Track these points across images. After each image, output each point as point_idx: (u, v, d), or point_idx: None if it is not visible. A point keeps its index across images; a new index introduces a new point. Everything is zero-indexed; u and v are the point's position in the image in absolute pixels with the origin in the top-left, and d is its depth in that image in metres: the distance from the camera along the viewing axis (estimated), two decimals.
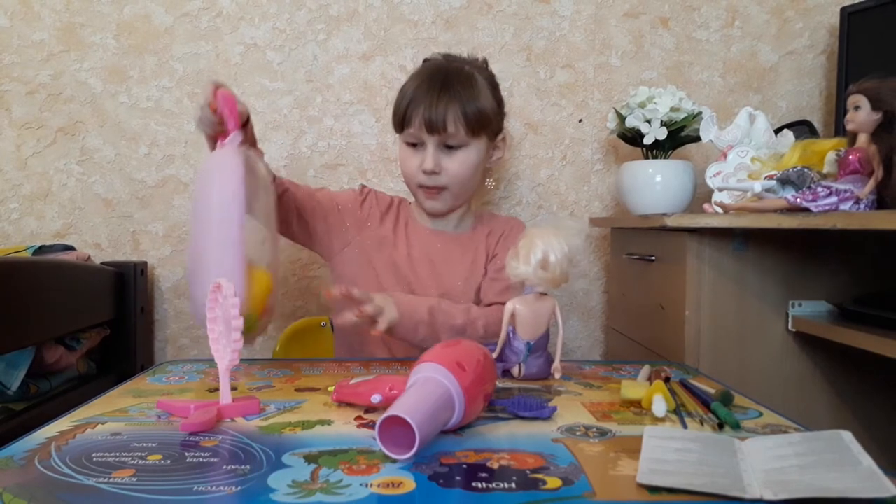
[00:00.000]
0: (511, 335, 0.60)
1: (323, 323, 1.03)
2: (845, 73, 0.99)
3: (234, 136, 0.63)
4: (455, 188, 0.82)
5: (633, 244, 0.96)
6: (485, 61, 0.88)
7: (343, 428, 0.46)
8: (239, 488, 0.35)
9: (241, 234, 0.57)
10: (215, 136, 0.67)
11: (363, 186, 0.91)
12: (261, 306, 0.58)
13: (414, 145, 0.82)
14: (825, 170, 0.72)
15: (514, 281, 0.58)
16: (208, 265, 0.57)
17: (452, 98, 0.79)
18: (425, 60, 0.88)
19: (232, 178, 0.58)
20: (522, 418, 0.48)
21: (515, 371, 0.61)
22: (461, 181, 0.82)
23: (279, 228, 0.73)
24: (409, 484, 0.36)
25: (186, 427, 0.45)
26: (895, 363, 0.61)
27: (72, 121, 1.10)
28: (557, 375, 0.61)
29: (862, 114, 0.68)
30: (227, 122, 0.63)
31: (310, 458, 0.40)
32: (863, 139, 0.68)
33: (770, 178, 0.74)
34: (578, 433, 0.45)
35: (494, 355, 0.62)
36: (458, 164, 0.81)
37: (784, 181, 0.73)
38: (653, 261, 0.88)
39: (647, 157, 0.99)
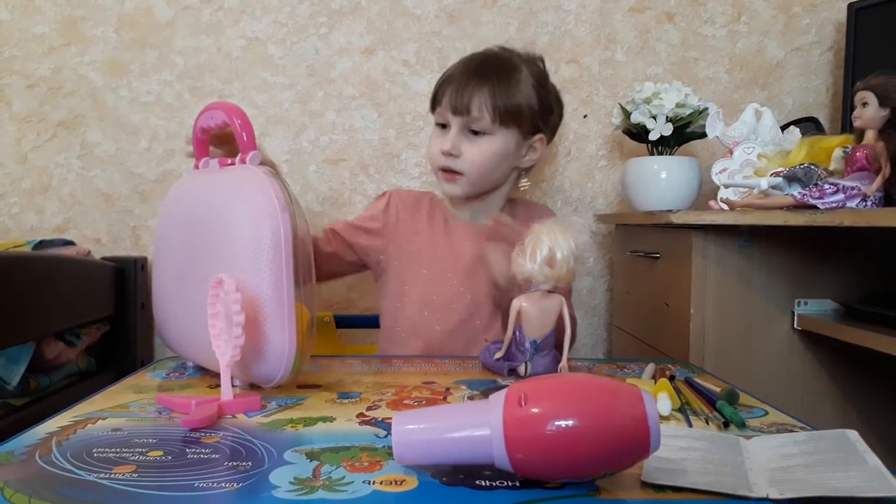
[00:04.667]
0: (518, 333, 0.60)
1: (326, 318, 1.02)
2: (852, 70, 0.98)
3: (255, 156, 0.56)
4: (472, 176, 0.79)
5: (638, 241, 0.95)
6: (541, 59, 0.86)
7: (345, 425, 0.46)
8: (240, 485, 0.35)
9: (292, 273, 0.51)
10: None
11: (385, 192, 0.89)
12: (302, 344, 0.53)
13: (443, 127, 0.80)
14: (832, 167, 0.72)
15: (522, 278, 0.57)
16: (254, 306, 0.50)
17: (483, 83, 0.76)
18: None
19: (280, 208, 0.51)
20: None
21: (522, 370, 0.60)
22: (478, 170, 0.78)
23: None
24: (411, 481, 0.35)
25: (188, 423, 0.45)
26: None
27: (72, 115, 1.09)
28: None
29: (869, 110, 0.67)
30: (238, 139, 0.56)
31: (312, 455, 0.39)
32: (870, 136, 0.68)
33: (776, 174, 0.73)
34: None
35: (500, 354, 0.61)
36: (477, 151, 0.78)
37: (790, 178, 0.72)
38: (657, 258, 0.87)
39: (652, 154, 0.98)
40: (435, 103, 0.81)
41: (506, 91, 0.77)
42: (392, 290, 0.83)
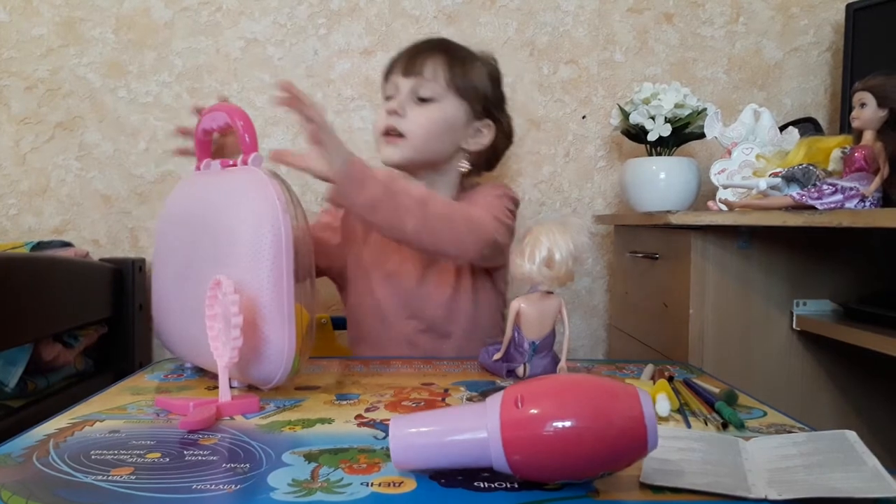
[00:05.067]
0: (516, 335, 0.60)
1: (323, 320, 1.02)
2: (850, 71, 0.98)
3: (257, 157, 0.55)
4: (415, 140, 0.74)
5: (637, 242, 0.95)
6: (493, 58, 0.84)
7: (344, 426, 0.46)
8: (238, 487, 0.35)
9: (292, 275, 0.51)
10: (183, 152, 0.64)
11: None
12: (301, 345, 0.52)
13: (389, 99, 0.78)
14: (830, 167, 0.72)
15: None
16: (250, 306, 0.49)
17: (439, 51, 0.76)
18: None
19: (281, 210, 0.50)
20: None
21: (521, 371, 0.60)
22: (423, 133, 0.74)
23: None
24: (410, 483, 0.35)
25: (185, 425, 0.44)
26: None
27: (70, 116, 1.09)
28: None
29: (868, 111, 0.67)
30: (241, 141, 0.56)
31: (310, 457, 0.39)
32: (868, 136, 0.68)
33: (775, 175, 0.73)
34: None
35: (499, 355, 0.61)
36: (425, 115, 0.75)
37: (789, 179, 0.72)
38: (657, 259, 0.87)
39: (650, 154, 0.98)
40: (386, 75, 0.79)
41: (462, 63, 0.76)
42: (351, 302, 0.82)
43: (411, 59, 0.76)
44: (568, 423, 0.32)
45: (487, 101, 0.79)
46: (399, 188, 0.62)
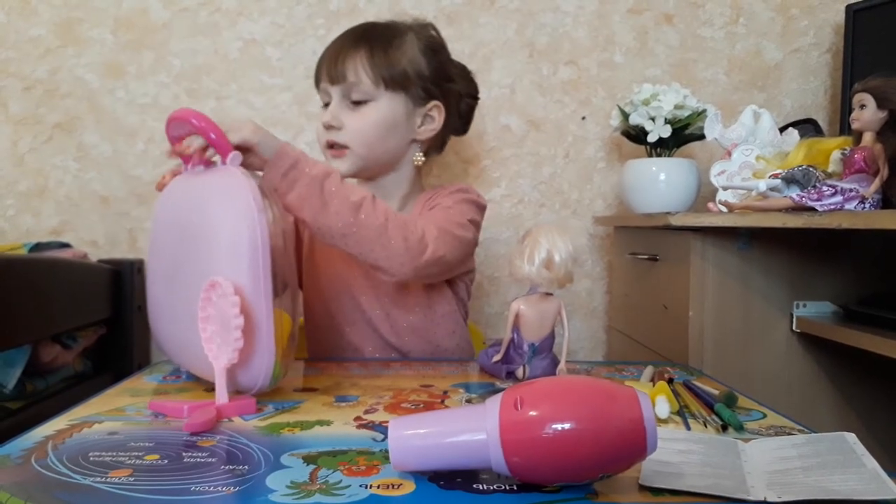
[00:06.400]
0: (516, 336, 0.60)
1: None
2: (850, 72, 0.98)
3: (235, 157, 0.54)
4: (358, 148, 0.72)
5: (637, 243, 0.95)
6: (433, 27, 0.79)
7: (342, 428, 0.46)
8: (237, 489, 0.35)
9: (270, 277, 0.50)
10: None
11: None
12: (283, 351, 0.52)
13: (327, 105, 0.75)
14: (830, 169, 0.72)
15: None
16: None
17: (359, 46, 0.72)
18: None
19: (257, 209, 0.49)
20: None
21: (520, 373, 0.60)
22: (364, 139, 0.72)
23: None
24: (409, 485, 0.35)
25: (190, 427, 0.44)
26: None
27: (69, 117, 1.09)
28: None
29: (867, 112, 0.67)
30: (210, 143, 0.54)
31: (308, 459, 0.39)
32: (868, 138, 0.68)
33: (775, 176, 0.74)
34: None
35: (498, 357, 0.61)
36: (360, 119, 0.72)
37: (789, 180, 0.72)
38: (656, 260, 0.87)
39: (650, 156, 0.98)
40: (317, 82, 0.76)
41: (385, 52, 0.72)
42: (305, 300, 0.79)
43: (332, 63, 0.73)
44: (567, 426, 0.32)
45: (427, 81, 0.75)
46: (332, 190, 0.59)
